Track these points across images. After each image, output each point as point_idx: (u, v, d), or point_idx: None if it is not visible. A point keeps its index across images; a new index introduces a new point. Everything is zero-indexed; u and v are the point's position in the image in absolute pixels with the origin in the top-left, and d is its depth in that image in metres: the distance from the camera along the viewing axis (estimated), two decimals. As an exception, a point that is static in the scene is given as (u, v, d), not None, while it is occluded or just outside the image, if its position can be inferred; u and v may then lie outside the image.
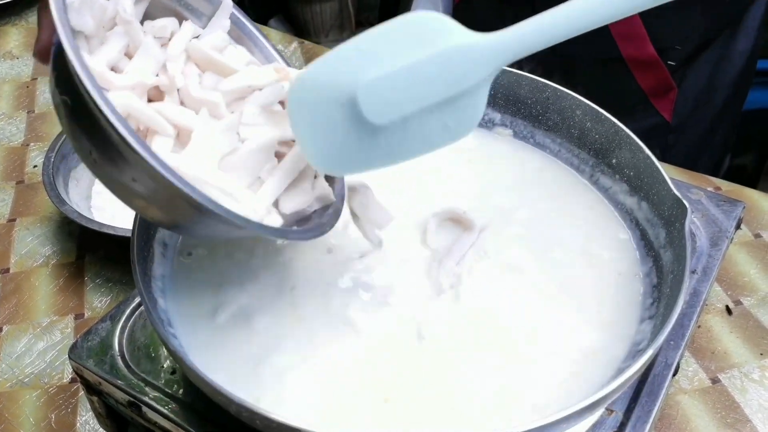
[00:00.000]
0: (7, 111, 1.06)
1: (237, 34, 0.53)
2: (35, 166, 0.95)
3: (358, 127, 0.45)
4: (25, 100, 1.08)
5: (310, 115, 0.45)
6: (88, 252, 0.83)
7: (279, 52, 0.55)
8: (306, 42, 1.20)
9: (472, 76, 0.45)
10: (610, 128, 0.63)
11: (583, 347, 0.53)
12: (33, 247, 0.84)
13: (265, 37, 0.54)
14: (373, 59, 0.44)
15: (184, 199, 0.41)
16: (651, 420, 0.53)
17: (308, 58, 1.16)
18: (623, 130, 0.61)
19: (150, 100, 0.47)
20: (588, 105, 0.64)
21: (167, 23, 0.49)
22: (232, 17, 0.52)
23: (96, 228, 0.75)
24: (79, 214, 0.77)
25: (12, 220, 0.88)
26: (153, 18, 0.50)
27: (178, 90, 0.48)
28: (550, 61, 0.92)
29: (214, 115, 0.47)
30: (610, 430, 0.52)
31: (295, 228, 0.49)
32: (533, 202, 0.64)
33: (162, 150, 0.44)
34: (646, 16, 0.90)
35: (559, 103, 0.66)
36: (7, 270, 0.81)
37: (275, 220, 0.48)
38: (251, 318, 0.54)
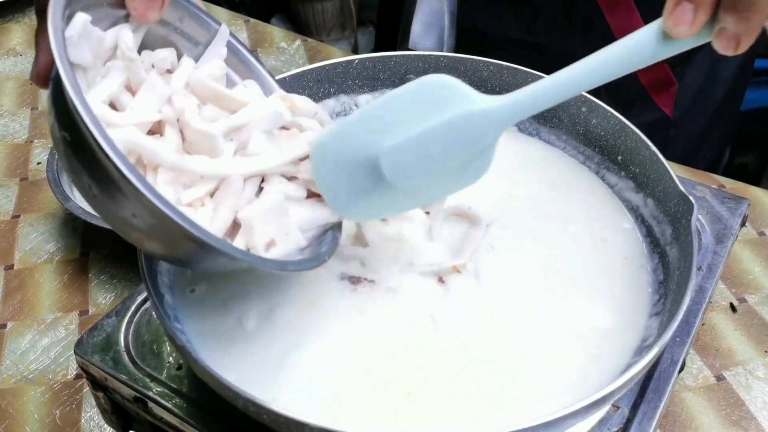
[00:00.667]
0: (10, 108, 1.06)
1: (232, 61, 0.53)
2: (39, 163, 0.95)
3: (377, 184, 0.48)
4: (28, 97, 1.08)
5: (331, 172, 0.49)
6: (92, 248, 0.83)
7: (273, 75, 0.55)
8: (309, 40, 1.20)
9: (484, 139, 0.47)
10: (615, 125, 0.63)
11: (599, 329, 0.53)
12: (37, 244, 0.84)
13: (261, 63, 0.55)
14: (392, 125, 0.47)
15: (185, 235, 0.41)
16: (657, 416, 0.53)
17: (311, 56, 1.15)
18: (629, 127, 0.61)
19: (151, 130, 0.47)
20: (593, 101, 0.64)
21: (168, 55, 0.49)
22: (228, 44, 0.53)
23: (100, 224, 0.75)
24: (84, 210, 0.77)
25: (16, 217, 0.88)
26: (148, 46, 0.49)
27: (177, 119, 0.47)
28: (551, 59, 0.92)
29: (211, 147, 0.47)
30: (616, 426, 0.52)
31: (295, 259, 0.49)
32: (537, 191, 0.64)
33: (165, 183, 0.45)
34: (645, 13, 0.90)
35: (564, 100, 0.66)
36: (12, 266, 0.81)
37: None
38: (273, 319, 0.54)
